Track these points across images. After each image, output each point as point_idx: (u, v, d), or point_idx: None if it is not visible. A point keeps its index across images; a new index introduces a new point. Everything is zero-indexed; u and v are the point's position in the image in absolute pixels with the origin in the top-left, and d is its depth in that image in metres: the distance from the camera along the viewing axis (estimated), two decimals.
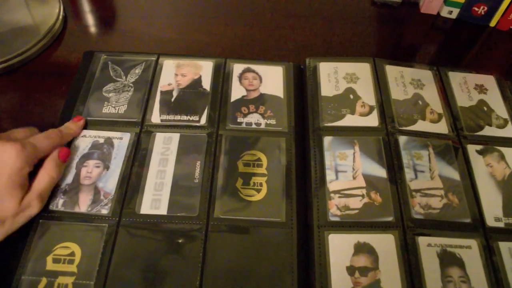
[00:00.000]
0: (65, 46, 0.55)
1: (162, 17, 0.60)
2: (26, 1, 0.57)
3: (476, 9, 0.59)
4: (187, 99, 0.47)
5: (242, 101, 0.47)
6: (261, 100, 0.47)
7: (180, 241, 0.38)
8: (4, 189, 0.35)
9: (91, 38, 0.57)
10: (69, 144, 0.43)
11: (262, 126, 0.45)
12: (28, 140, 0.38)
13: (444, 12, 0.61)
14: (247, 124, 0.45)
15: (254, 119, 0.46)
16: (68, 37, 0.56)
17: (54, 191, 0.40)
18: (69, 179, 0.41)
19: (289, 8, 0.62)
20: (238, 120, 0.45)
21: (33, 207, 0.37)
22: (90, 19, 0.59)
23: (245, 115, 0.46)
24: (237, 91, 0.48)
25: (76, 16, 0.59)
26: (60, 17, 0.56)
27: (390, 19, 0.62)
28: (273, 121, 0.46)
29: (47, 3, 0.56)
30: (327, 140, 0.44)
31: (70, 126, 0.43)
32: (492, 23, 0.61)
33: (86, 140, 0.43)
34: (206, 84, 0.48)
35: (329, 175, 0.42)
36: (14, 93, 0.50)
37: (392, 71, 0.50)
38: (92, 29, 0.58)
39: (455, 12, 0.61)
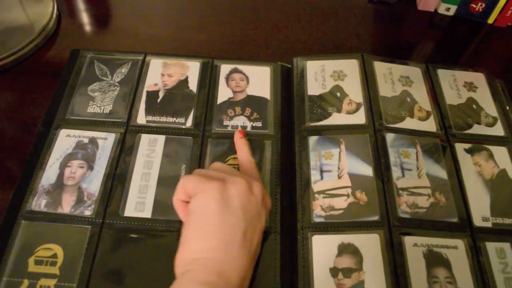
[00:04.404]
0: (59, 45, 0.55)
1: (156, 15, 0.59)
2: (20, 0, 0.57)
3: (474, 6, 0.59)
4: (173, 100, 0.47)
5: (229, 104, 0.47)
6: (248, 102, 0.47)
7: (164, 244, 0.37)
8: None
9: (85, 37, 0.56)
10: (53, 145, 0.43)
11: (248, 129, 0.45)
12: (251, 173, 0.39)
13: (442, 9, 0.61)
14: (233, 127, 0.45)
15: (240, 122, 0.45)
16: (62, 36, 0.56)
17: (37, 191, 0.40)
18: (52, 179, 0.40)
19: (286, 6, 0.62)
20: (224, 123, 0.45)
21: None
22: (84, 18, 0.59)
23: (231, 118, 0.45)
24: (223, 93, 0.47)
25: (70, 14, 0.59)
26: (54, 15, 0.55)
27: (387, 16, 0.61)
28: (259, 124, 0.45)
29: (41, 2, 0.56)
30: (312, 140, 0.43)
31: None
32: (490, 20, 0.60)
33: (70, 140, 0.43)
34: (193, 85, 0.48)
35: (314, 175, 0.41)
36: (8, 92, 0.50)
37: (381, 68, 0.49)
38: (86, 27, 0.58)
39: (453, 9, 0.60)
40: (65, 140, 0.43)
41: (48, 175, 0.40)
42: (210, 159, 0.42)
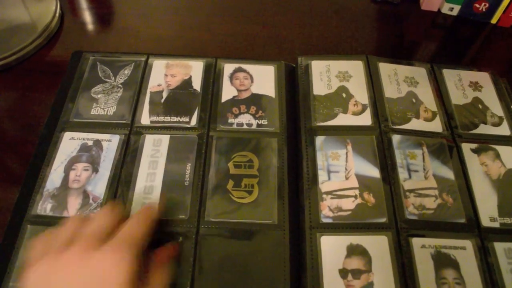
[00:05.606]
0: (61, 44, 0.54)
1: (160, 14, 0.59)
2: None
3: (478, 6, 0.59)
4: (177, 100, 0.46)
5: (233, 102, 0.46)
6: (253, 100, 0.46)
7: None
8: None
9: (87, 36, 0.56)
10: (57, 148, 0.42)
11: (254, 127, 0.44)
12: (118, 236, 0.31)
13: (445, 9, 0.61)
14: (238, 124, 0.45)
15: (245, 120, 0.45)
16: (65, 35, 0.55)
17: (42, 195, 0.39)
18: (57, 182, 0.40)
19: (289, 5, 0.61)
20: (229, 121, 0.45)
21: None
22: (87, 17, 0.58)
23: (236, 116, 0.45)
24: (228, 92, 0.47)
25: (73, 13, 0.58)
26: (57, 14, 0.55)
27: (391, 16, 0.61)
28: (264, 122, 0.45)
29: (44, 0, 0.56)
30: (319, 139, 0.43)
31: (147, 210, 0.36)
32: (494, 20, 0.60)
33: (74, 143, 0.43)
34: (197, 85, 0.48)
35: (321, 175, 0.41)
36: (10, 91, 0.49)
37: (386, 69, 0.49)
38: (89, 26, 0.57)
39: (456, 9, 0.60)
40: (69, 143, 0.43)
41: (53, 179, 0.40)
42: (216, 157, 0.42)
